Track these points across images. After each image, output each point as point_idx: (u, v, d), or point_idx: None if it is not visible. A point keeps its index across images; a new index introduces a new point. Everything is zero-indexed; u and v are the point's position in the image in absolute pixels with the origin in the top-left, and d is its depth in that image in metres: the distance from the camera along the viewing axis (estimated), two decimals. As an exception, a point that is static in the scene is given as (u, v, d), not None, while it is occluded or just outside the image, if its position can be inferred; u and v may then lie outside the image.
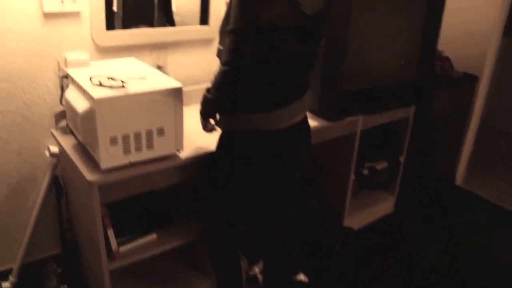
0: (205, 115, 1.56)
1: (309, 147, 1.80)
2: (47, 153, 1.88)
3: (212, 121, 1.58)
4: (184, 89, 1.95)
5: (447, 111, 3.02)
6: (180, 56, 2.12)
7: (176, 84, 1.52)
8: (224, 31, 1.49)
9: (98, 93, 1.40)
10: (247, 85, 1.47)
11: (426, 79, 2.49)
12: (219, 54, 1.55)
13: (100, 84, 1.46)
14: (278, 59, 1.46)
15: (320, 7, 1.50)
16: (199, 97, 1.54)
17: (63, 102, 1.66)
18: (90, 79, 1.47)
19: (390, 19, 2.14)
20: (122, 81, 1.43)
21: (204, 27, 2.14)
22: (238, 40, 1.38)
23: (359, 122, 2.30)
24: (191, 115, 1.68)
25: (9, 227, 1.96)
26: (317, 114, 2.06)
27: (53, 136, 1.81)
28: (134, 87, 1.45)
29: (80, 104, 1.46)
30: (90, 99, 1.41)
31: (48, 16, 1.74)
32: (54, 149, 1.86)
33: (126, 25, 1.97)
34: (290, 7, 1.41)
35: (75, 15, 1.79)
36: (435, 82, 2.83)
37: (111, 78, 1.46)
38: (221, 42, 1.56)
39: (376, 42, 2.12)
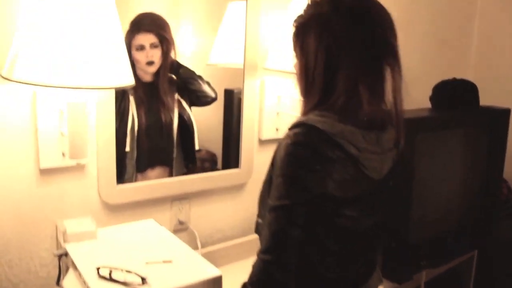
0: None
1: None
2: None
3: None
4: (211, 248, 1.59)
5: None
6: (205, 206, 1.73)
7: (213, 271, 1.12)
8: (264, 201, 1.10)
9: (108, 297, 0.99)
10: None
11: (492, 214, 2.11)
12: (258, 229, 1.15)
13: (111, 278, 1.05)
14: (335, 239, 1.07)
15: (389, 166, 1.10)
16: (230, 257, 1.12)
17: (60, 290, 1.25)
18: (98, 270, 1.07)
19: (452, 158, 1.82)
20: (142, 278, 1.03)
21: (233, 171, 1.77)
22: (283, 221, 0.98)
23: (423, 276, 1.88)
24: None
25: None
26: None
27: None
28: (159, 282, 1.05)
29: (82, 307, 1.05)
30: (96, 304, 1.00)
31: (45, 172, 1.38)
32: None
33: (140, 167, 1.62)
34: (352, 172, 1.02)
35: (79, 169, 1.43)
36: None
37: (127, 271, 1.05)
38: (260, 214, 1.15)
39: (440, 184, 1.77)
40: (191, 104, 1.71)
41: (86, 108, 1.22)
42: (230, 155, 1.86)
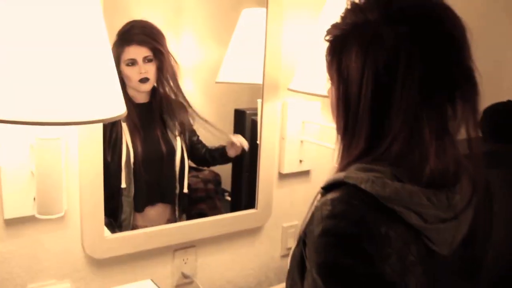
0: None
1: None
2: None
3: None
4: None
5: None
6: (214, 255, 1.43)
7: None
8: (293, 284, 0.80)
9: None
10: None
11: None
12: None
13: None
14: None
15: (464, 234, 0.79)
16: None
17: None
18: None
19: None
20: None
21: (248, 212, 1.47)
22: None
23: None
24: None
25: None
26: None
27: None
28: None
29: None
30: None
31: (11, 223, 1.09)
32: None
33: (138, 205, 1.35)
34: (415, 252, 0.72)
35: (57, 219, 1.13)
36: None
37: None
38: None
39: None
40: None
41: (60, 146, 0.92)
42: (242, 187, 1.61)
